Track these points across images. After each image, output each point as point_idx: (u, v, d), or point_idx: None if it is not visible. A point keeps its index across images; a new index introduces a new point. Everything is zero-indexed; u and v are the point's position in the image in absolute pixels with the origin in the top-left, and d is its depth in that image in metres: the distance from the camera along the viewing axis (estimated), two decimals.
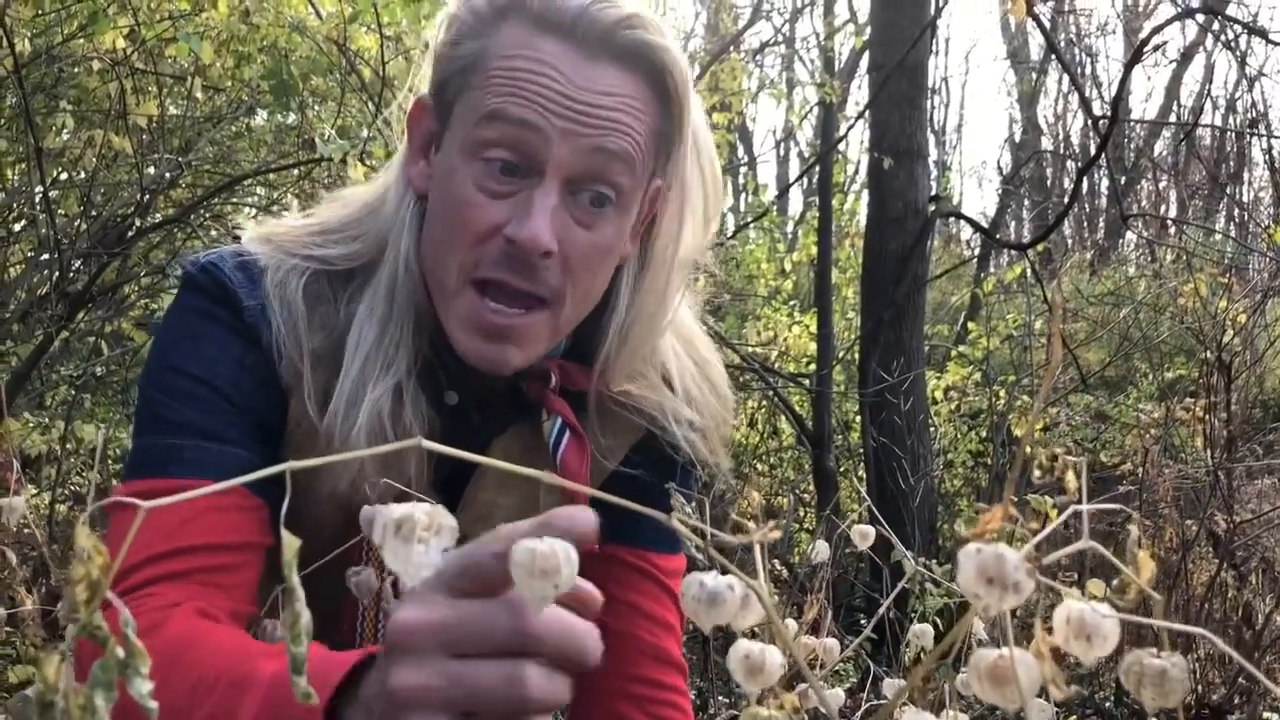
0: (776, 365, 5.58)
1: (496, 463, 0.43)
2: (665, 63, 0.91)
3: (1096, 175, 10.10)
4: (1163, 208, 11.51)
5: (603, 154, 0.89)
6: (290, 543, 0.40)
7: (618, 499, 0.45)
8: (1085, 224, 12.69)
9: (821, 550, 1.14)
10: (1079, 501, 0.48)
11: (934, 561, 1.36)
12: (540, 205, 0.88)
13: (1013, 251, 7.56)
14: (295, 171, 3.87)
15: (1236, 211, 10.88)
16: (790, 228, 8.27)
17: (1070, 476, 0.52)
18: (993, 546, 0.40)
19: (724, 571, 0.48)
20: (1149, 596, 0.45)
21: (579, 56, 0.89)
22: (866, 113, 4.79)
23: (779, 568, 4.62)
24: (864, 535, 1.16)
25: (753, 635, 0.50)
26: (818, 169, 5.25)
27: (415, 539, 0.41)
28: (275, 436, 0.96)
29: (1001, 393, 5.64)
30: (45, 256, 3.58)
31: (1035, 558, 0.41)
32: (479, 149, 0.90)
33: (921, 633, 1.15)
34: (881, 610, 1.11)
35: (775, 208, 6.32)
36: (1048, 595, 0.44)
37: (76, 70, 3.57)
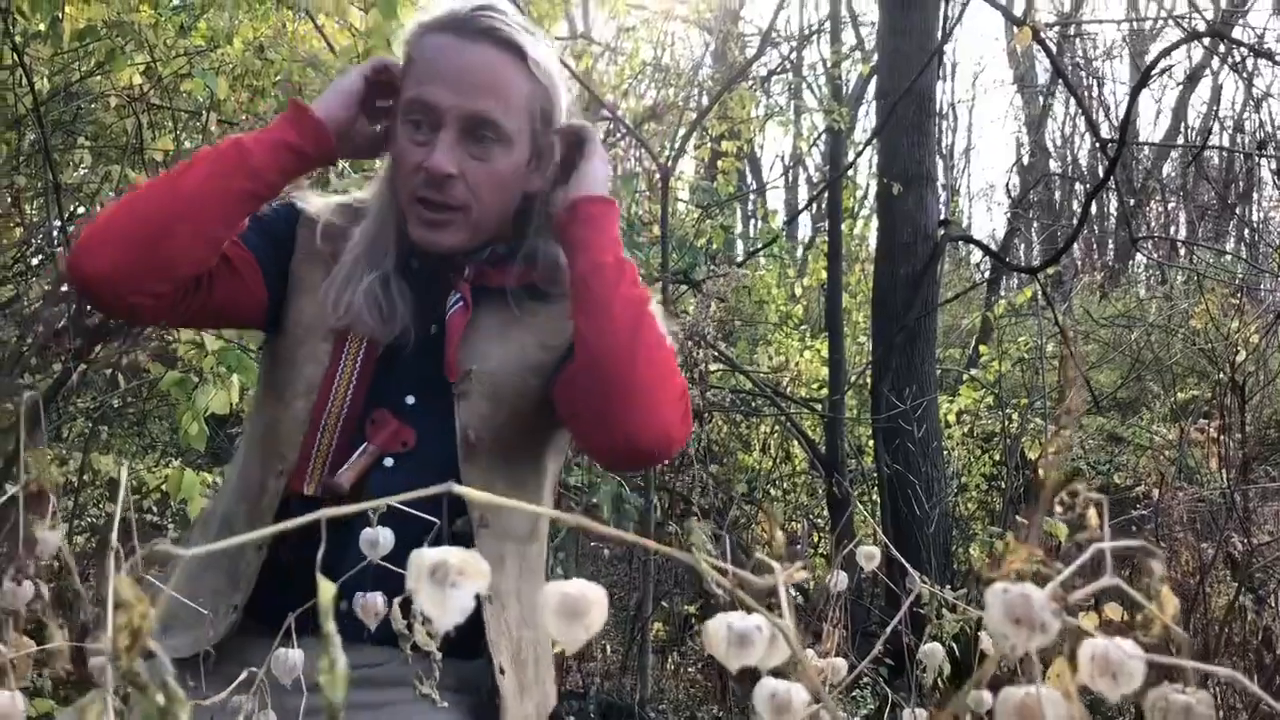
0: (788, 390, 5.57)
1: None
2: (524, 46, 1.31)
3: (1105, 197, 10.10)
4: (1172, 229, 11.50)
5: (478, 107, 1.29)
6: (326, 589, 0.41)
7: None
8: (1094, 246, 12.69)
9: (841, 580, 1.14)
10: (1100, 538, 0.48)
11: (948, 586, 1.36)
12: (442, 145, 1.29)
13: (1023, 274, 7.56)
14: None
15: (1246, 232, 10.86)
16: (799, 253, 8.28)
17: (1091, 513, 0.52)
18: (1019, 587, 0.41)
19: (748, 611, 0.48)
20: (1173, 631, 0.45)
21: (462, 42, 1.30)
22: (875, 139, 4.80)
23: (793, 593, 4.59)
24: (869, 556, 1.16)
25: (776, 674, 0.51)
26: (826, 194, 5.26)
27: (449, 583, 0.41)
28: (288, 244, 1.40)
29: (1015, 416, 5.62)
30: (63, 289, 3.60)
31: (1061, 596, 0.41)
32: (406, 115, 1.31)
33: (930, 652, 1.15)
34: (888, 631, 1.11)
35: (785, 233, 6.32)
36: (1072, 633, 0.44)
37: (94, 107, 3.61)
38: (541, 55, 1.33)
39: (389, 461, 1.33)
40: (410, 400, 1.37)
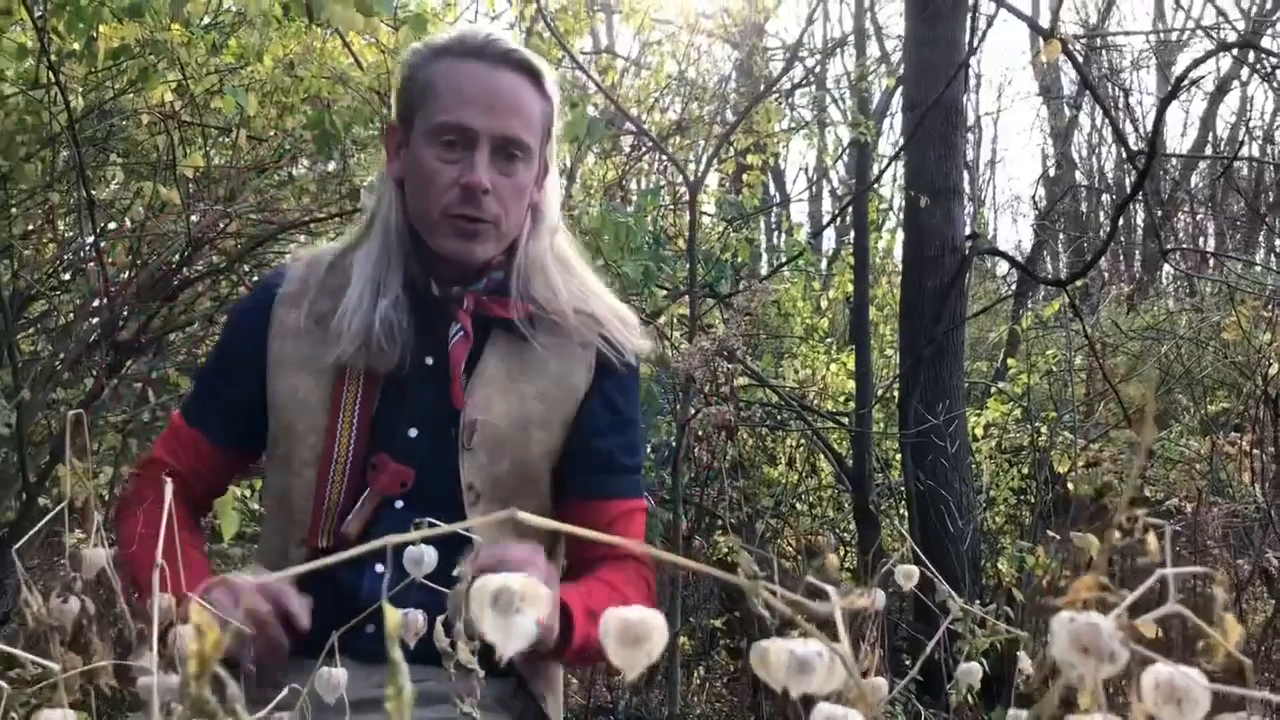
0: (814, 404, 5.55)
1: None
2: (541, 70, 1.43)
3: (1132, 209, 10.03)
4: (1200, 240, 11.41)
5: (510, 127, 1.39)
6: (392, 616, 0.41)
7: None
8: (1122, 258, 12.60)
9: (879, 599, 1.14)
10: (1163, 565, 0.48)
11: (978, 601, 1.35)
12: (479, 163, 1.38)
13: (1050, 287, 7.51)
14: (338, 219, 3.92)
15: (1277, 243, 10.75)
16: (823, 265, 8.27)
17: (1151, 539, 0.52)
18: (1086, 615, 0.40)
19: (784, 634, 0.48)
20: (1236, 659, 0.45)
21: (488, 67, 1.40)
22: (902, 151, 4.79)
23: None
24: (909, 575, 1.16)
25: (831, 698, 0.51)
26: (851, 207, 5.25)
27: (513, 609, 0.41)
28: (257, 359, 1.47)
29: (1044, 429, 5.58)
30: (95, 304, 3.64)
31: (1129, 626, 0.41)
32: (436, 136, 1.39)
33: (969, 671, 1.14)
34: (927, 650, 1.11)
35: (810, 246, 6.32)
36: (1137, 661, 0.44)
37: (126, 124, 3.65)
38: (550, 75, 1.46)
39: (399, 503, 1.41)
40: (413, 433, 1.44)
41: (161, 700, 0.89)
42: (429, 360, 1.45)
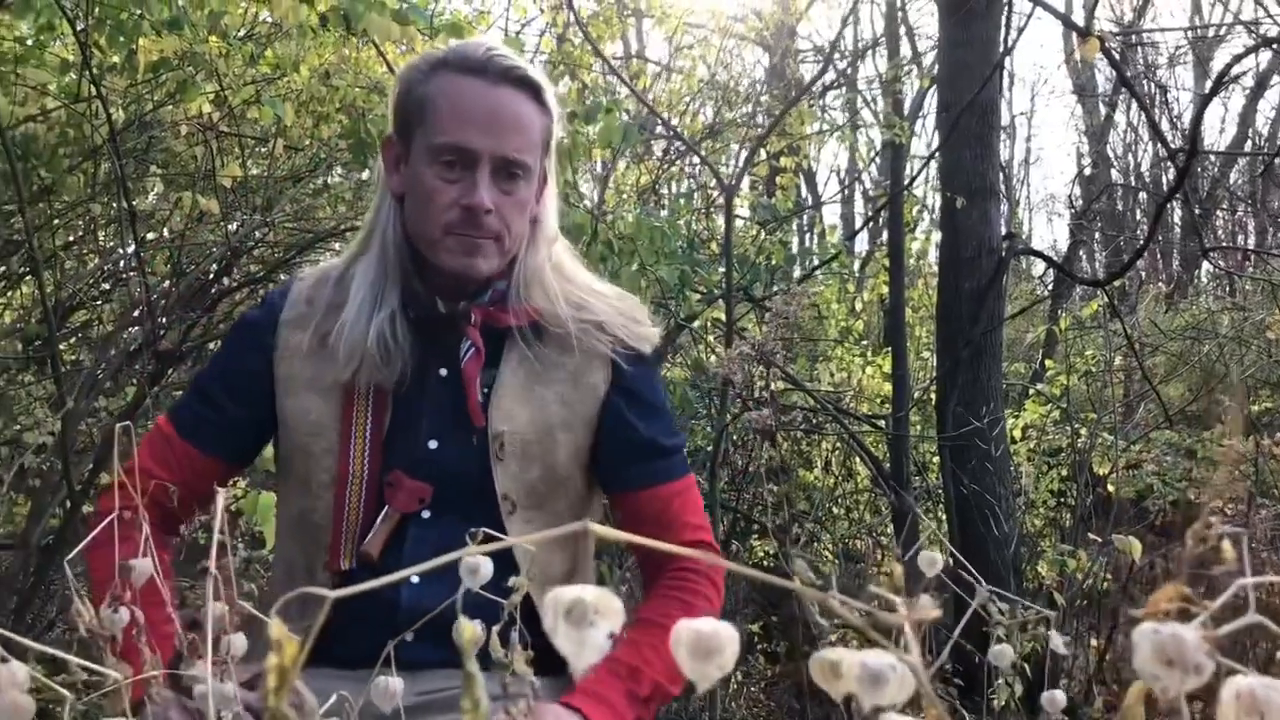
0: (849, 407, 5.53)
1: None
2: (541, 85, 1.42)
3: (1170, 207, 9.91)
4: (1240, 238, 11.26)
5: (511, 146, 1.37)
6: (467, 630, 0.41)
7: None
8: (1159, 257, 12.45)
9: (928, 605, 1.12)
10: (1240, 573, 0.47)
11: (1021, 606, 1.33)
12: (481, 182, 1.36)
13: (1087, 287, 7.43)
14: None
15: None
16: (856, 267, 8.23)
17: (1227, 546, 0.51)
18: (1169, 627, 0.40)
19: (835, 644, 0.47)
20: None
21: (489, 85, 1.38)
22: (937, 152, 4.76)
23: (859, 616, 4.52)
24: (932, 562, 1.14)
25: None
26: (884, 208, 5.23)
27: (587, 622, 0.41)
28: (263, 378, 1.46)
29: (1083, 431, 5.52)
30: (136, 313, 3.68)
31: (1213, 637, 0.40)
32: (436, 156, 1.37)
33: (1000, 654, 1.13)
34: (946, 647, 1.09)
35: (845, 249, 6.28)
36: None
37: (164, 135, 3.69)
38: (549, 89, 1.44)
39: (426, 514, 1.41)
40: (433, 445, 1.44)
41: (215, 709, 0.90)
42: (442, 371, 1.45)
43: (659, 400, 1.54)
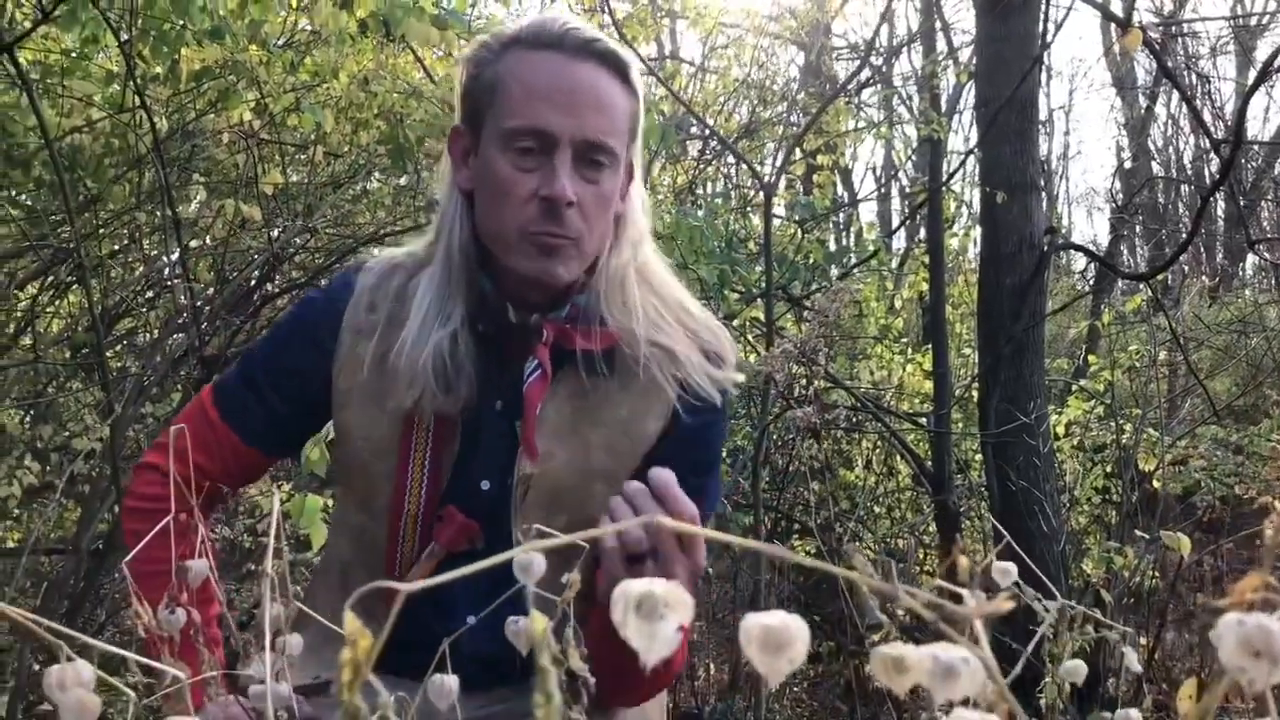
0: (890, 405, 5.49)
1: None
2: (628, 62, 1.26)
3: (1213, 199, 9.77)
4: None
5: (594, 125, 1.21)
6: (538, 622, 0.40)
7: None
8: (1203, 250, 12.28)
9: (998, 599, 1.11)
10: None
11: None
12: (560, 171, 1.20)
13: (1129, 281, 7.34)
14: (412, 233, 3.97)
15: None
16: (893, 264, 8.18)
17: None
18: (1256, 618, 0.39)
19: (905, 639, 0.47)
20: None
21: (568, 60, 1.22)
22: (977, 148, 4.72)
23: (901, 615, 4.50)
24: (1005, 572, 1.13)
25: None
26: (923, 205, 5.19)
27: (657, 615, 0.41)
28: (318, 381, 1.34)
29: (1128, 426, 5.45)
30: (181, 320, 3.73)
31: None
32: (510, 142, 1.21)
33: (1073, 669, 1.11)
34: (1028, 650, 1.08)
35: (884, 245, 6.25)
36: None
37: (206, 143, 3.74)
38: (636, 67, 1.29)
39: (480, 548, 1.29)
40: (485, 485, 1.30)
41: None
42: (498, 405, 1.30)
43: (711, 456, 1.37)
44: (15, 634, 3.58)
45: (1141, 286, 6.19)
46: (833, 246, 6.12)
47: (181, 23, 2.84)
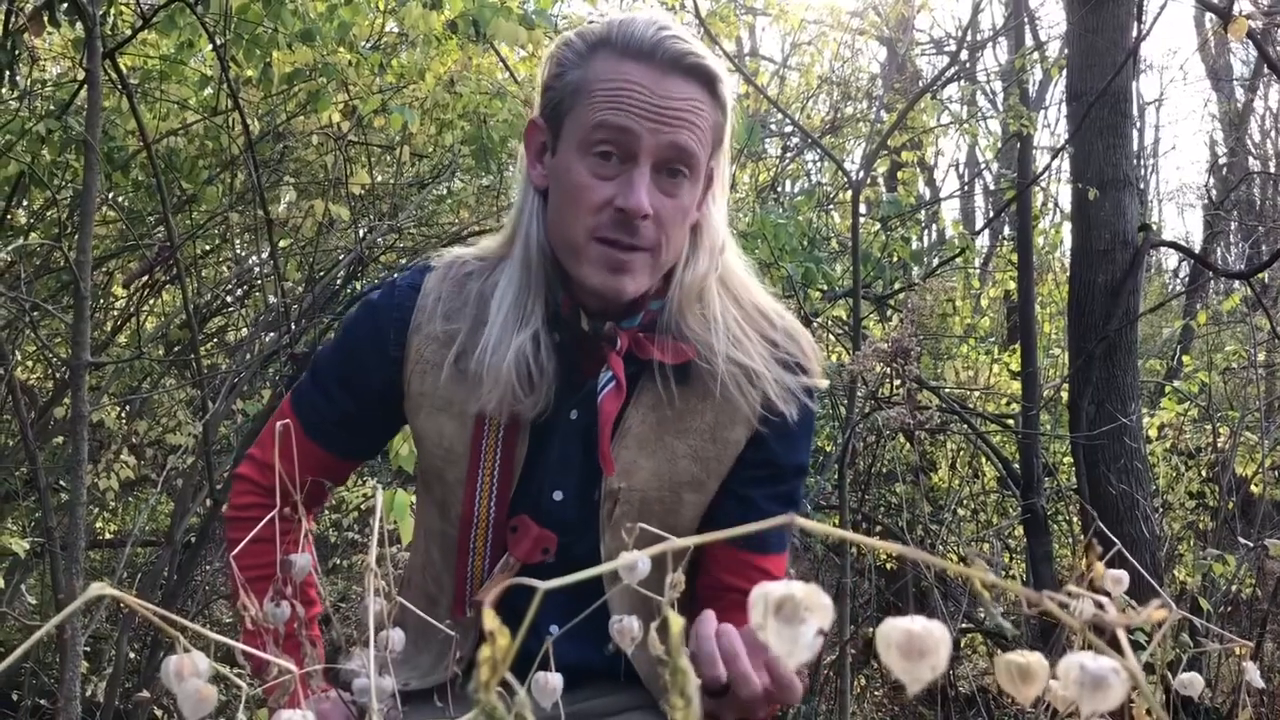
0: (976, 406, 5.39)
1: None
2: (718, 75, 1.22)
3: None
4: None
5: (678, 142, 1.19)
6: (674, 621, 0.40)
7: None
8: None
9: (1088, 610, 1.07)
10: None
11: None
12: (639, 182, 1.17)
13: (1226, 280, 7.12)
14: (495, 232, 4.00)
15: None
16: (978, 262, 8.03)
17: None
18: None
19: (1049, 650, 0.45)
20: None
21: (657, 74, 1.19)
22: (1069, 143, 4.61)
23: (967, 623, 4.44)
24: (1118, 581, 1.09)
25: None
26: (1012, 202, 5.08)
27: (797, 619, 0.39)
28: (390, 386, 1.33)
29: (1224, 430, 5.28)
30: (271, 318, 3.80)
31: None
32: (590, 147, 1.19)
33: (1190, 682, 1.07)
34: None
35: (970, 243, 6.13)
36: None
37: (296, 145, 3.81)
38: (726, 79, 1.26)
39: (550, 563, 1.28)
40: (557, 496, 1.29)
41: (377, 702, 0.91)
42: (573, 415, 1.28)
43: (796, 463, 1.34)
44: (113, 623, 3.68)
45: (1239, 285, 6.00)
46: (915, 245, 6.02)
47: (274, 26, 2.89)
